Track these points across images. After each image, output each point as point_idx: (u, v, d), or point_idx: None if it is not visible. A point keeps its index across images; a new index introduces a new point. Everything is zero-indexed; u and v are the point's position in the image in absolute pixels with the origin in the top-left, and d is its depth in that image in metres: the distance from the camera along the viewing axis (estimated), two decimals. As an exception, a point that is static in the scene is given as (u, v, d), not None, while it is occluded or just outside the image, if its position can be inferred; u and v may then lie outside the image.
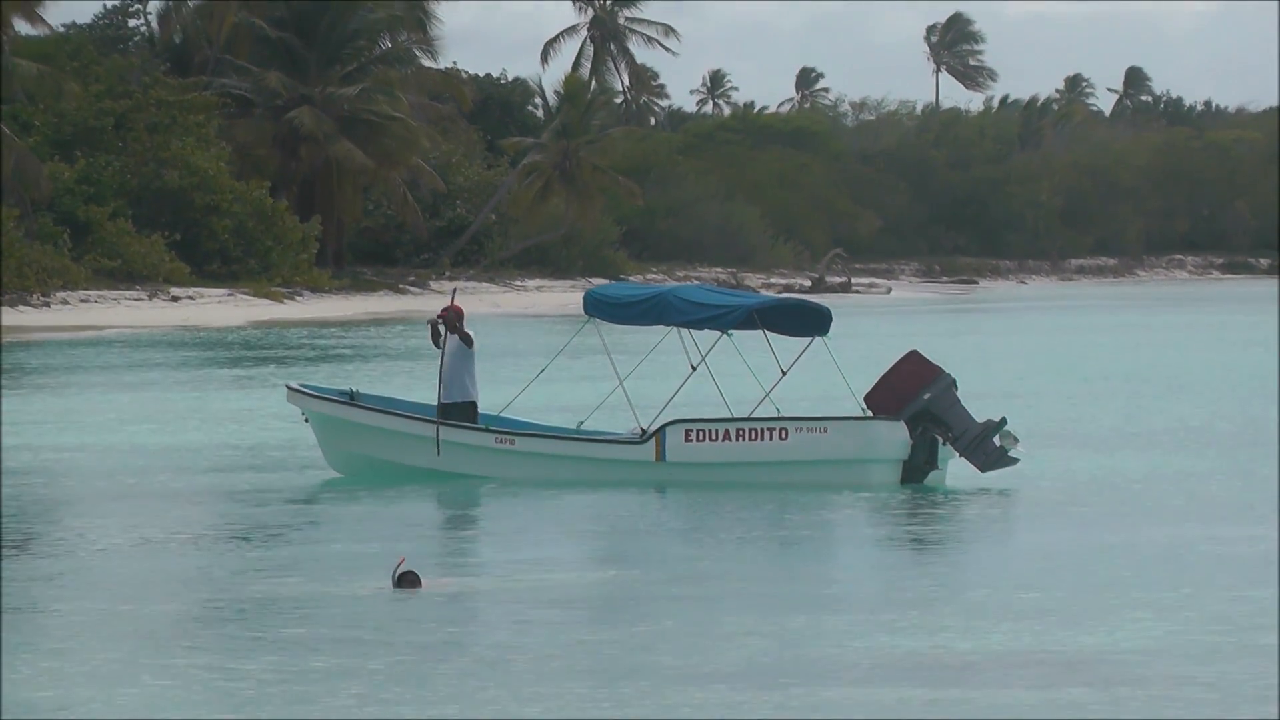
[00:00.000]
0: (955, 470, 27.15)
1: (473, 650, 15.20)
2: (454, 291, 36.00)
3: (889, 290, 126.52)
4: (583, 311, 30.09)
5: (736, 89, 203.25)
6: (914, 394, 27.01)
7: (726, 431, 27.81)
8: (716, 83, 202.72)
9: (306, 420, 29.73)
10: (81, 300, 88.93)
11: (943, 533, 24.85)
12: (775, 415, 28.34)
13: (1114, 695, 12.24)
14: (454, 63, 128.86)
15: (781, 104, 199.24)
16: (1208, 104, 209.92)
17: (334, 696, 12.73)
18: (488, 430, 28.62)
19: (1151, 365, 60.12)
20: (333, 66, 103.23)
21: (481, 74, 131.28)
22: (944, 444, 26.54)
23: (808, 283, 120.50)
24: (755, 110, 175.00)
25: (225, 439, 37.55)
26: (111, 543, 23.75)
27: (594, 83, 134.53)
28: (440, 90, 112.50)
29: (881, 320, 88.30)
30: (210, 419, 41.80)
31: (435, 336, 29.54)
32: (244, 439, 37.76)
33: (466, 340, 28.76)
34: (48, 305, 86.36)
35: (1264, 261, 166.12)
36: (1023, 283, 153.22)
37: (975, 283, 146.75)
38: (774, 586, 20.13)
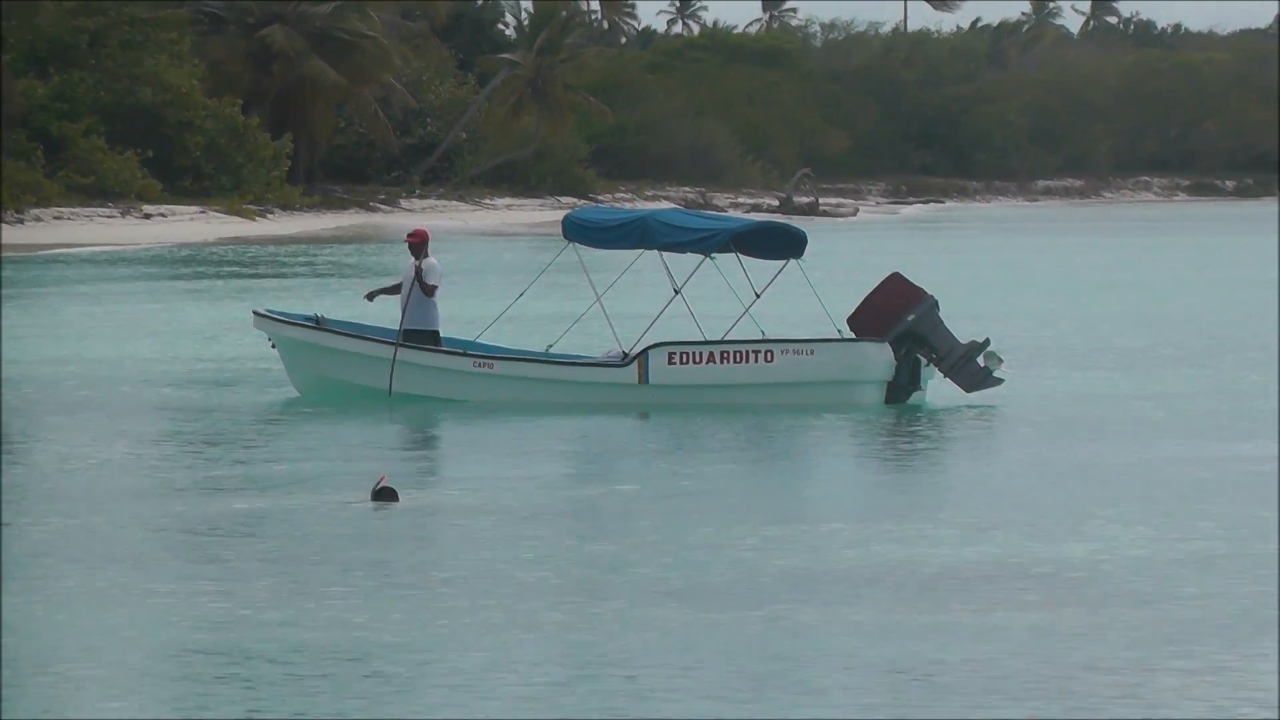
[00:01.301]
0: (937, 389, 27.76)
1: (450, 565, 15.50)
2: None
3: (855, 211, 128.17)
4: (562, 236, 30.18)
5: (705, 8, 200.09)
6: (898, 315, 27.55)
7: (711, 354, 28.09)
8: (686, 1, 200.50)
9: (273, 345, 30.08)
10: (55, 217, 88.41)
11: (927, 450, 25.43)
12: (761, 338, 28.83)
13: (1103, 617, 12.49)
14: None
15: (750, 24, 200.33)
16: (1176, 26, 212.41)
17: (318, 610, 12.95)
18: (465, 354, 28.90)
19: (1125, 284, 61.25)
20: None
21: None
22: (927, 365, 27.10)
23: (775, 202, 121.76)
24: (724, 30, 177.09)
25: (196, 354, 38.00)
26: (79, 457, 24.03)
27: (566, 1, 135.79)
28: (412, 7, 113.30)
29: (852, 240, 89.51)
30: (180, 335, 42.43)
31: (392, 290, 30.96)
32: (215, 354, 38.14)
33: (426, 290, 29.08)
34: (21, 222, 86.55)
35: (1230, 183, 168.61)
36: (988, 202, 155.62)
37: (941, 202, 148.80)
38: (756, 501, 20.85)
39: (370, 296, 31.60)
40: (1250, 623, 12.13)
